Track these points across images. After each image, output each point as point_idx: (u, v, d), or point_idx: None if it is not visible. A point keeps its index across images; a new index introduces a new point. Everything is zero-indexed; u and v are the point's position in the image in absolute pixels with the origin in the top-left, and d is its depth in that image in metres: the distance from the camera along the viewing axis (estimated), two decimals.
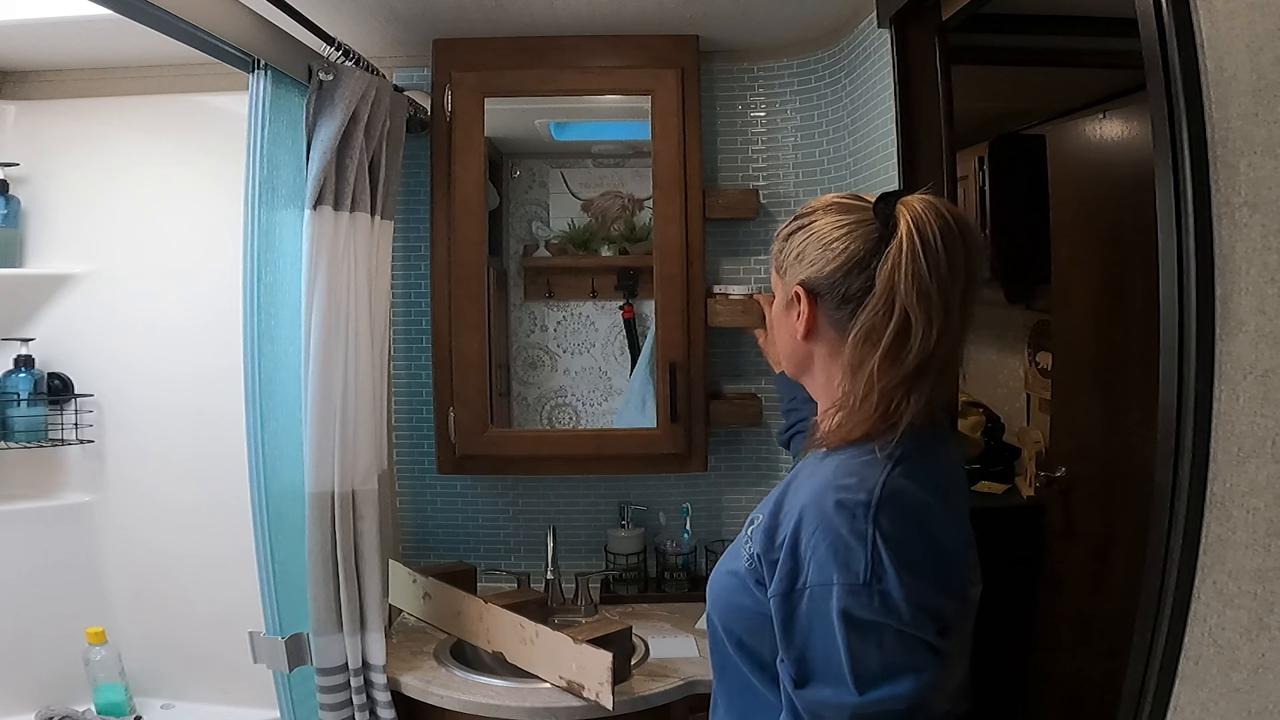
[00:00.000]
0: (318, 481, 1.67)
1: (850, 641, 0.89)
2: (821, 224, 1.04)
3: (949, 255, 0.96)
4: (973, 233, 0.99)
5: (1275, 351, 0.78)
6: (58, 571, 2.14)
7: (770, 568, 0.98)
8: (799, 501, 0.99)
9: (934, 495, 0.97)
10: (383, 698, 1.73)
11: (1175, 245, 0.86)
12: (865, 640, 0.90)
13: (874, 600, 0.89)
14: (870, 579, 0.89)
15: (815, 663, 0.92)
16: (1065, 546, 2.46)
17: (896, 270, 0.96)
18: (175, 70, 2.17)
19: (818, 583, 0.92)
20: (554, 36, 2.07)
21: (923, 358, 0.96)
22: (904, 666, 0.90)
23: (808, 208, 1.08)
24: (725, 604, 1.08)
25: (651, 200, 2.08)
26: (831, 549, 0.92)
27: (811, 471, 1.03)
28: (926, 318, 0.95)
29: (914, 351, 0.95)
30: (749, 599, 1.03)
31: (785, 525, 0.98)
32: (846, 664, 0.89)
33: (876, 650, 0.90)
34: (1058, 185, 2.50)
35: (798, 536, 0.95)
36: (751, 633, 1.05)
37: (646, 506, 2.26)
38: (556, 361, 2.34)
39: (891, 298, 0.96)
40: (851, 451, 0.99)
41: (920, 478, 0.97)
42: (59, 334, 2.17)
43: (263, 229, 1.59)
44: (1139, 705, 0.93)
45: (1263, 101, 0.77)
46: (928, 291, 0.95)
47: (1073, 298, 2.46)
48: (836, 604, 0.90)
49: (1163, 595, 0.89)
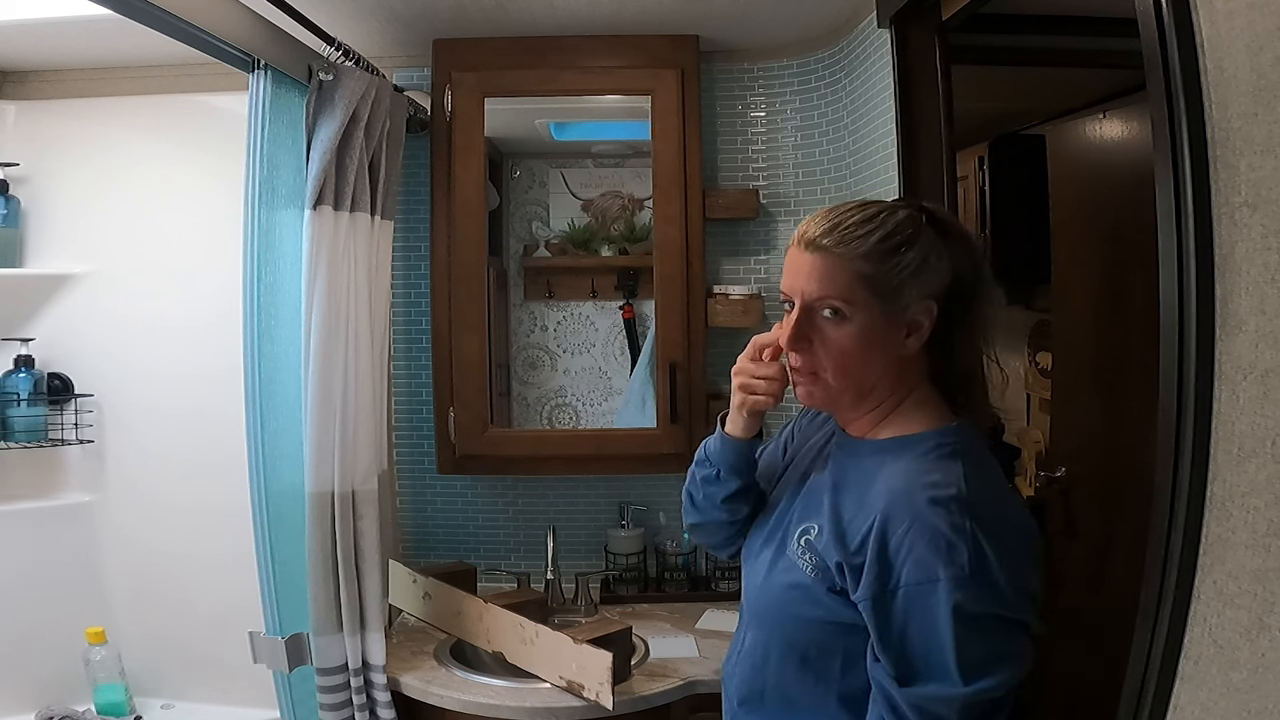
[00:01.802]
0: (318, 481, 1.67)
1: (958, 634, 0.90)
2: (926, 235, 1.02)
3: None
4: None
5: (1275, 351, 0.78)
6: (58, 571, 2.14)
7: (854, 572, 0.97)
8: (874, 503, 0.98)
9: (1003, 481, 1.00)
10: (383, 698, 1.73)
11: (1175, 245, 0.86)
12: (971, 631, 0.90)
13: (981, 590, 0.90)
14: (976, 569, 0.90)
15: (916, 660, 0.93)
16: (1065, 546, 2.45)
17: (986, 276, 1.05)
18: (175, 70, 2.17)
19: (916, 580, 0.92)
20: (554, 36, 2.07)
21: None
22: (1005, 654, 0.92)
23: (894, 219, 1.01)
24: (788, 618, 1.06)
25: (651, 200, 2.08)
26: (931, 545, 0.92)
27: (868, 472, 1.03)
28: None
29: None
30: (818, 609, 1.02)
31: (859, 528, 0.98)
32: (953, 657, 0.90)
33: (981, 640, 0.91)
34: (1058, 185, 2.50)
35: (884, 538, 0.95)
36: (820, 643, 1.04)
37: (646, 506, 2.26)
38: (556, 361, 2.34)
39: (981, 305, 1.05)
40: (918, 448, 1.01)
41: (987, 466, 1.00)
42: (59, 334, 2.17)
43: (263, 229, 1.59)
44: (1139, 705, 0.93)
45: (1263, 101, 0.77)
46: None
47: (1073, 298, 2.46)
48: (946, 598, 0.90)
49: (1163, 595, 0.89)
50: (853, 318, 1.00)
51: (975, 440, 1.03)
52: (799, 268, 1.02)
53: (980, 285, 1.05)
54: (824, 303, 1.00)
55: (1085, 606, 2.30)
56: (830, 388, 1.04)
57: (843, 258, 0.99)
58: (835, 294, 0.99)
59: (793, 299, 1.03)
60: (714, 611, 2.09)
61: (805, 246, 1.02)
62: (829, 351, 1.01)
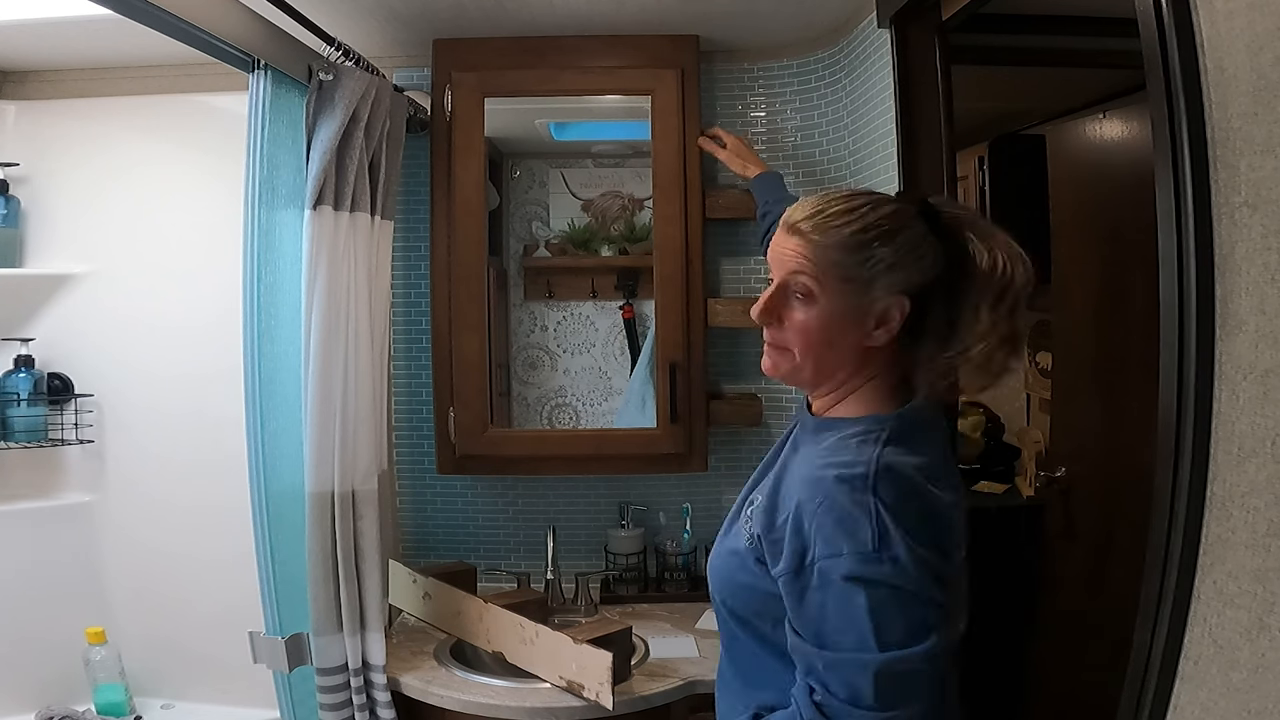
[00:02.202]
0: (318, 481, 1.67)
1: (870, 605, 0.93)
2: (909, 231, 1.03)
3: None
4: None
5: (1275, 351, 0.78)
6: (58, 571, 2.14)
7: (773, 547, 1.01)
8: (795, 483, 1.03)
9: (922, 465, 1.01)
10: (383, 698, 1.73)
11: (1175, 245, 0.86)
12: (881, 603, 0.93)
13: (884, 565, 0.93)
14: (879, 546, 0.93)
15: (833, 634, 0.95)
16: (1065, 546, 2.46)
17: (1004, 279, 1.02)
18: (175, 70, 2.17)
19: (825, 555, 0.95)
20: (554, 36, 2.07)
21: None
22: (919, 625, 0.94)
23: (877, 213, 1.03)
24: (728, 582, 1.12)
25: (651, 200, 2.08)
26: (837, 522, 0.95)
27: (806, 453, 1.07)
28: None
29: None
30: (749, 577, 1.07)
31: (785, 505, 1.02)
32: (868, 627, 0.93)
33: (892, 612, 0.94)
34: (1058, 185, 2.50)
35: (800, 516, 0.98)
36: (753, 609, 1.09)
37: (646, 506, 2.26)
38: (556, 361, 2.34)
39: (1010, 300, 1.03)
40: (844, 430, 1.05)
41: (908, 450, 1.01)
42: (59, 334, 2.17)
43: (263, 229, 1.59)
44: (1139, 705, 0.93)
45: (1263, 101, 0.77)
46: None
47: (1073, 298, 2.46)
48: (849, 572, 0.93)
49: (1163, 595, 0.89)
50: (819, 301, 1.03)
51: (914, 425, 1.05)
52: (780, 248, 1.06)
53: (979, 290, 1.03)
54: (796, 284, 1.04)
55: (1085, 607, 2.30)
56: (793, 363, 1.08)
57: (817, 245, 1.03)
58: (806, 278, 1.03)
59: (771, 276, 1.08)
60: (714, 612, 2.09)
61: (787, 230, 1.06)
62: (794, 330, 1.06)
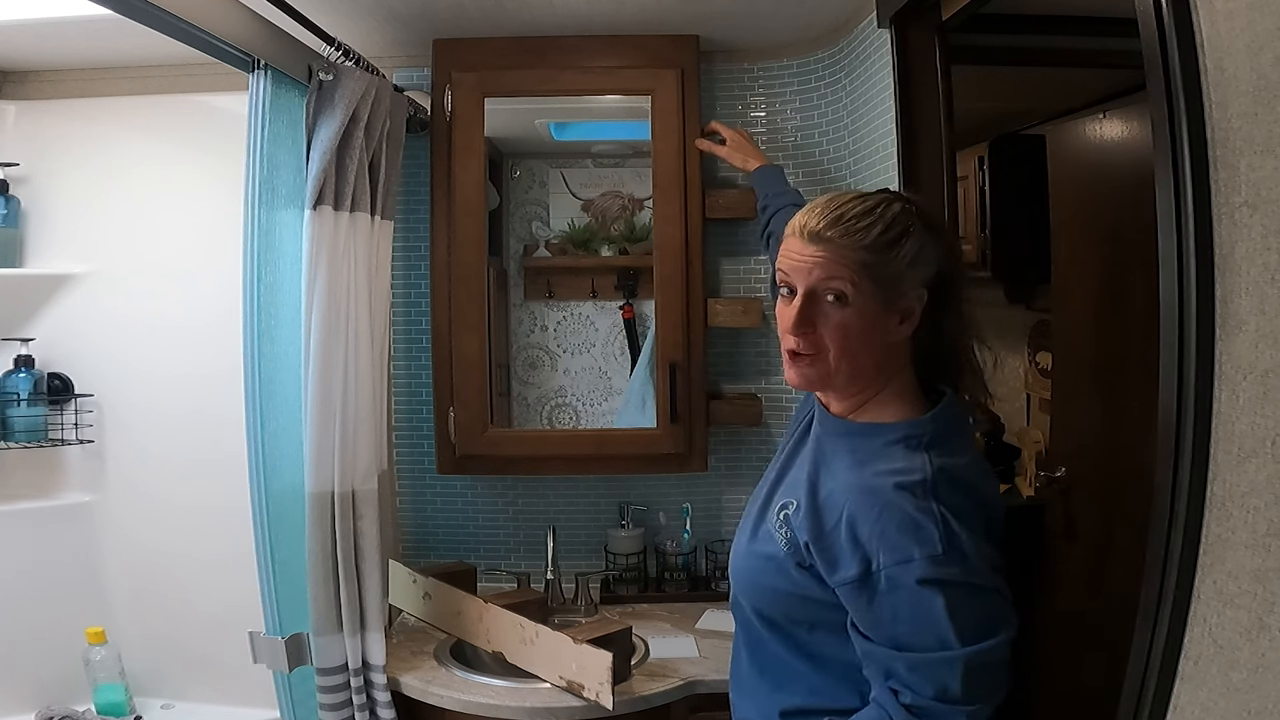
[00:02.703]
0: (318, 481, 1.67)
1: (948, 605, 0.96)
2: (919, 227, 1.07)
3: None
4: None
5: (1275, 351, 0.78)
6: (58, 571, 2.14)
7: (825, 554, 1.02)
8: (843, 490, 1.04)
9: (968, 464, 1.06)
10: (383, 698, 1.73)
11: (1175, 245, 0.86)
12: (958, 602, 0.96)
13: (955, 566, 0.96)
14: (948, 548, 0.96)
15: (911, 636, 0.98)
16: (1065, 546, 2.45)
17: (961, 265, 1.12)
18: (175, 70, 2.17)
19: (894, 561, 0.97)
20: (554, 36, 2.07)
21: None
22: (994, 617, 0.98)
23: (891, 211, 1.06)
24: (757, 586, 1.13)
25: (651, 200, 2.08)
26: (901, 528, 0.98)
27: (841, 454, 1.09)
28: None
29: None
30: (787, 582, 1.08)
31: (832, 512, 1.03)
32: (948, 624, 0.95)
33: (969, 608, 0.97)
34: (1058, 185, 2.50)
35: (854, 527, 1.00)
36: (786, 613, 1.11)
37: (646, 506, 2.26)
38: (556, 361, 2.34)
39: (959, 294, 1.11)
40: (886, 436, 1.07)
41: (952, 451, 1.05)
42: (59, 334, 2.17)
43: (263, 229, 1.59)
44: (1139, 705, 0.93)
45: (1263, 101, 0.77)
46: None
47: (1073, 298, 2.46)
48: (924, 575, 0.96)
49: (1163, 595, 0.89)
50: (854, 303, 1.05)
51: (949, 426, 1.08)
52: (803, 257, 1.06)
53: (959, 276, 1.13)
54: (828, 289, 1.05)
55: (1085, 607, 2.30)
56: (828, 367, 1.08)
57: (846, 248, 1.04)
58: (840, 282, 1.04)
59: (793, 285, 1.08)
60: (714, 611, 2.09)
61: (809, 238, 1.06)
62: (832, 334, 1.06)
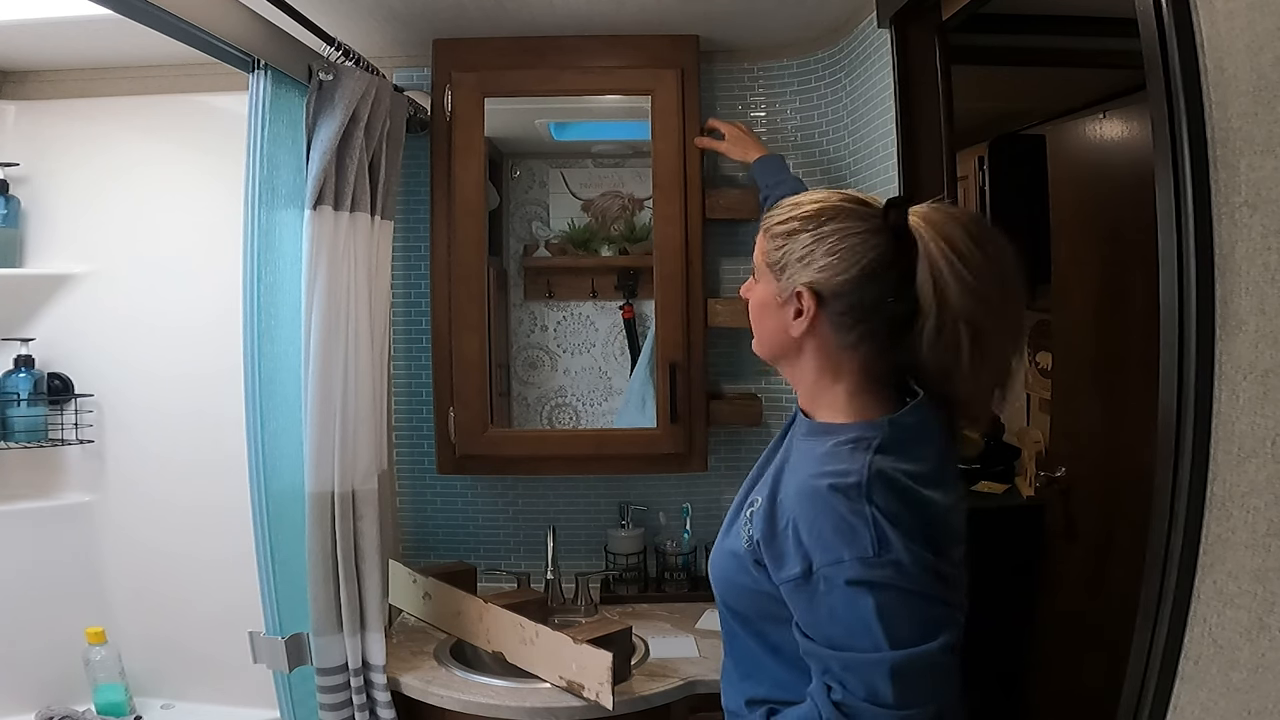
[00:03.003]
0: (318, 481, 1.67)
1: (878, 607, 0.95)
2: (831, 229, 1.04)
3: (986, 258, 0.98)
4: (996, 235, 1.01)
5: (1275, 351, 0.78)
6: (58, 571, 2.14)
7: (774, 553, 1.03)
8: (792, 492, 1.04)
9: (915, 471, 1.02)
10: (383, 698, 1.73)
11: (1175, 245, 0.86)
12: (888, 605, 0.96)
13: (886, 569, 0.95)
14: (879, 550, 0.96)
15: (845, 636, 0.98)
16: (1065, 546, 2.46)
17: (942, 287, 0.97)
18: (175, 70, 2.17)
19: (828, 562, 0.97)
20: (554, 36, 2.07)
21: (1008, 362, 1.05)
22: (929, 623, 0.97)
23: (812, 207, 1.07)
24: (727, 583, 1.14)
25: (651, 200, 2.08)
26: (835, 530, 0.98)
27: (803, 456, 1.09)
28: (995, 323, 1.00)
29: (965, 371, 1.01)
30: (748, 579, 1.08)
31: (784, 514, 1.03)
32: (878, 626, 0.95)
33: (901, 612, 0.96)
34: (1058, 185, 2.50)
35: (797, 527, 1.00)
36: (752, 608, 1.12)
37: (646, 506, 2.26)
38: (556, 361, 2.34)
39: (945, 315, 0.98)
40: (838, 436, 1.06)
41: (902, 456, 1.02)
42: (59, 334, 2.17)
43: (263, 229, 1.59)
44: (1139, 705, 0.93)
45: (1263, 101, 0.77)
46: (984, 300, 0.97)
47: (1073, 298, 2.46)
48: (853, 576, 0.96)
49: (1163, 595, 0.89)
50: (760, 281, 1.13)
51: (909, 432, 1.05)
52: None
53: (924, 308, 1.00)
54: (752, 265, 1.16)
55: (1085, 607, 2.30)
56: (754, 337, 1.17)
57: (763, 233, 1.12)
58: (756, 258, 1.13)
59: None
60: (714, 612, 2.08)
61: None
62: (749, 304, 1.16)
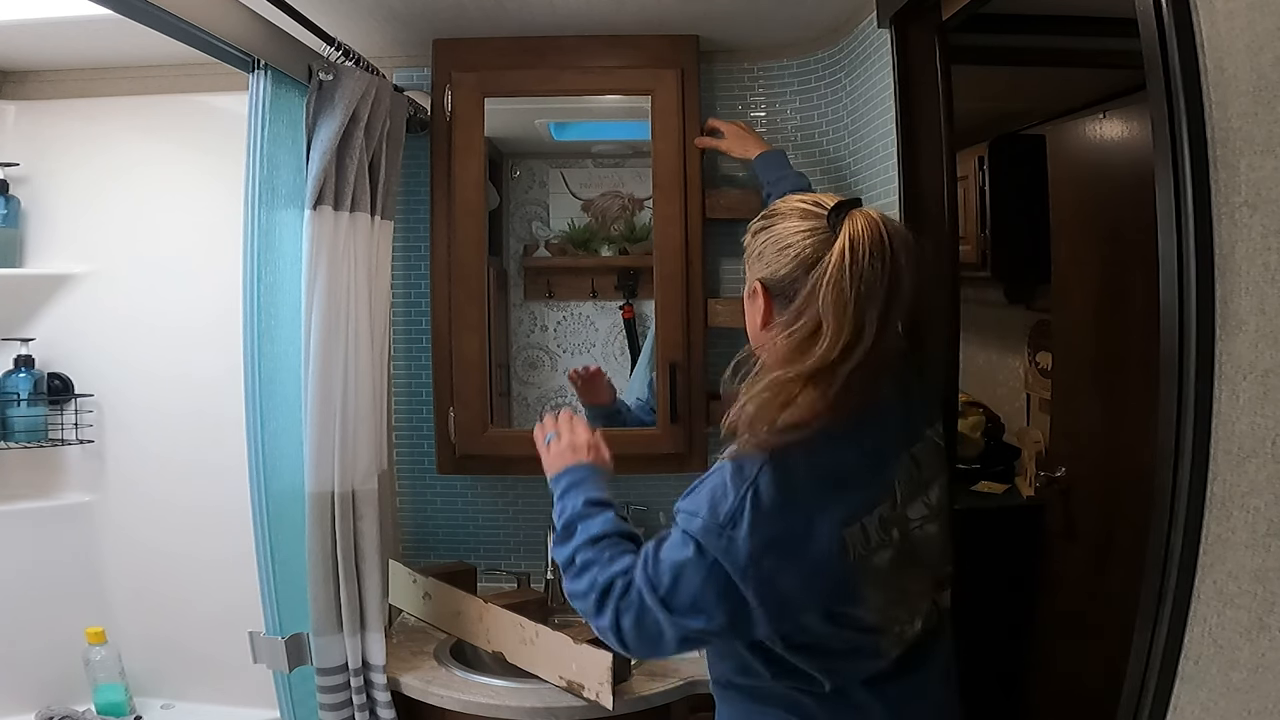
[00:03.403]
0: (318, 481, 1.67)
1: (679, 561, 1.06)
2: (782, 227, 1.14)
3: (872, 271, 1.04)
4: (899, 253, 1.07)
5: (1275, 351, 0.78)
6: (58, 571, 2.14)
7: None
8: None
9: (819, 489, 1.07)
10: (383, 698, 1.73)
11: (1175, 245, 0.86)
12: (691, 566, 1.05)
13: (722, 540, 1.03)
14: (727, 524, 1.03)
15: (665, 555, 1.09)
16: (1065, 546, 2.46)
17: (823, 278, 1.05)
18: (175, 70, 2.17)
19: (688, 509, 1.08)
20: (554, 36, 2.07)
21: (822, 364, 1.04)
22: (711, 606, 1.05)
23: (775, 209, 1.17)
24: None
25: (651, 200, 2.08)
26: (711, 490, 1.07)
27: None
28: (836, 326, 1.04)
29: (816, 355, 1.04)
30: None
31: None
32: (667, 582, 1.07)
33: (696, 581, 1.05)
34: (1058, 185, 2.50)
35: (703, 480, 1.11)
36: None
37: (646, 506, 2.26)
38: (556, 361, 2.34)
39: (811, 301, 1.06)
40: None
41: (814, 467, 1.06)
42: (59, 334, 2.17)
43: (263, 229, 1.59)
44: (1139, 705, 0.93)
45: (1263, 101, 0.77)
46: (844, 303, 1.04)
47: (1073, 298, 2.46)
48: (692, 530, 1.06)
49: (1163, 595, 0.89)
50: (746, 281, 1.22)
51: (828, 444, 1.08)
52: None
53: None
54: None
55: (1085, 607, 2.30)
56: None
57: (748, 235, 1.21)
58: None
59: None
60: None
61: None
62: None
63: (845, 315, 1.03)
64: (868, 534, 1.08)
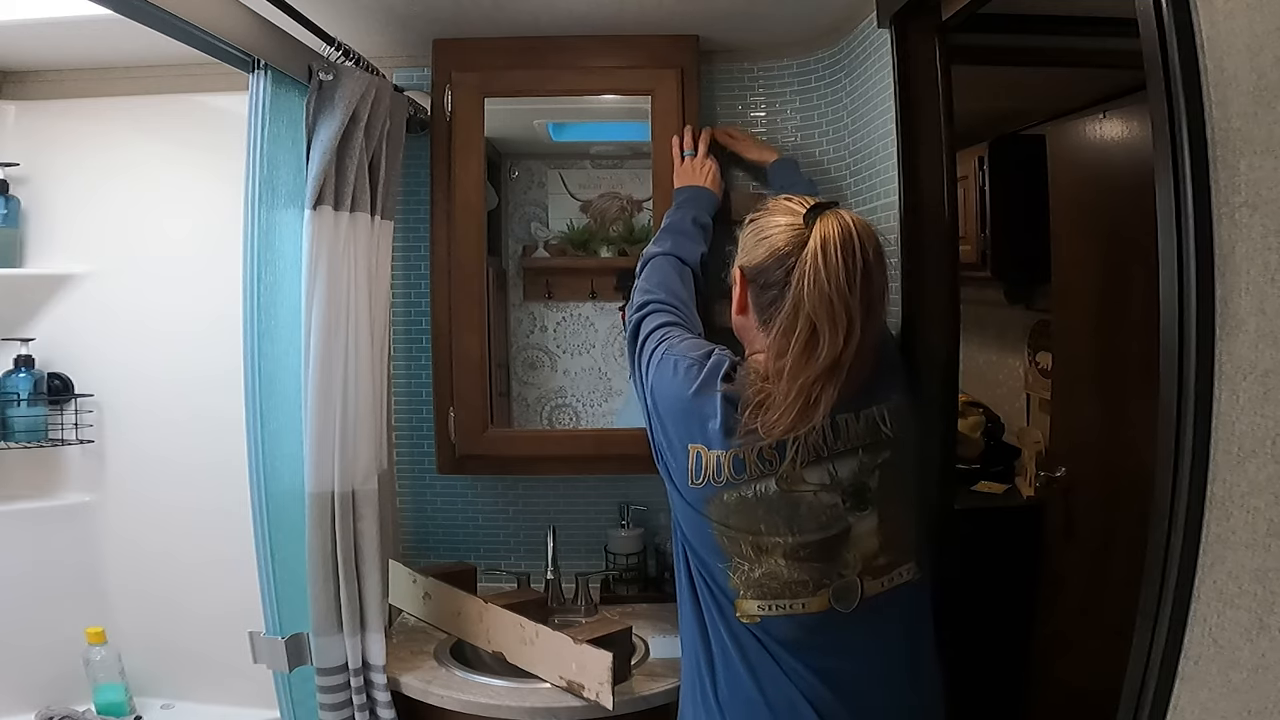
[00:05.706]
0: (318, 482, 1.67)
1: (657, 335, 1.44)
2: (764, 220, 1.27)
3: (846, 269, 1.14)
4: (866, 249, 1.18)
5: (1275, 351, 0.78)
6: (58, 571, 2.14)
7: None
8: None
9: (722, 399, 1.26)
10: (383, 698, 1.73)
11: (1175, 245, 0.86)
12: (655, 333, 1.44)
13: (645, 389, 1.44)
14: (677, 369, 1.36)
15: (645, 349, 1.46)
16: (1065, 546, 2.46)
17: (802, 281, 1.15)
18: (175, 70, 2.17)
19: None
20: (554, 36, 2.07)
21: (833, 358, 1.14)
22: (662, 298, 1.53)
23: (765, 205, 1.31)
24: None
25: (650, 201, 2.08)
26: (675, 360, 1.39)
27: None
28: (831, 323, 1.13)
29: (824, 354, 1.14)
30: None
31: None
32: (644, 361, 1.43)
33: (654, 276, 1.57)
34: (1058, 185, 2.50)
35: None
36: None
37: (646, 506, 2.26)
38: (556, 362, 2.34)
39: (798, 306, 1.15)
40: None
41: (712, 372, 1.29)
42: (59, 334, 2.17)
43: (263, 229, 1.59)
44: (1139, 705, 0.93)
45: (1263, 101, 0.77)
46: (829, 300, 1.14)
47: (1073, 298, 2.47)
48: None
49: (1163, 595, 0.89)
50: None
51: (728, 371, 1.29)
52: None
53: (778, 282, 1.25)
54: None
55: (1085, 607, 2.30)
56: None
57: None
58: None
59: None
60: None
61: None
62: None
63: (835, 311, 1.14)
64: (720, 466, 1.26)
